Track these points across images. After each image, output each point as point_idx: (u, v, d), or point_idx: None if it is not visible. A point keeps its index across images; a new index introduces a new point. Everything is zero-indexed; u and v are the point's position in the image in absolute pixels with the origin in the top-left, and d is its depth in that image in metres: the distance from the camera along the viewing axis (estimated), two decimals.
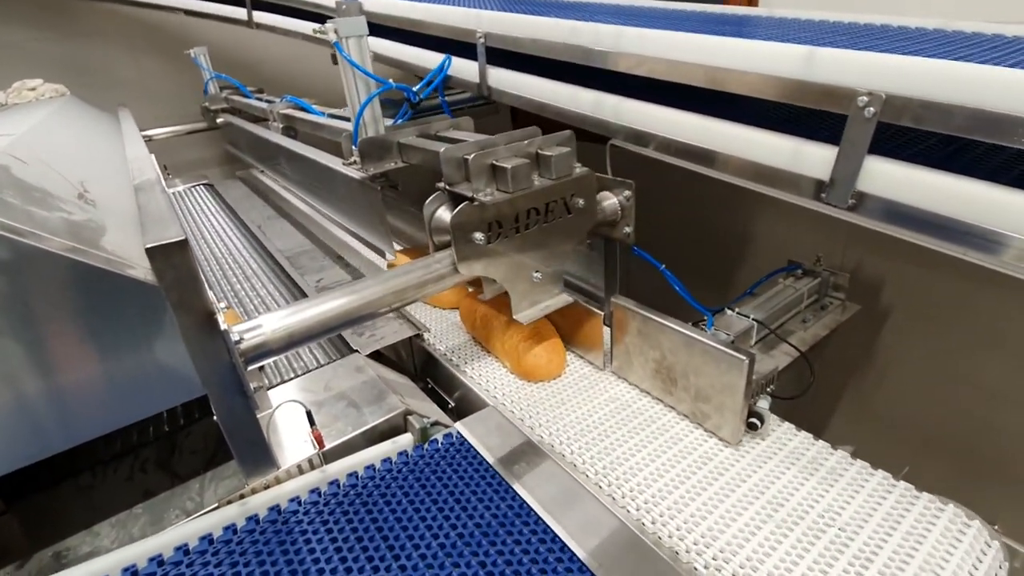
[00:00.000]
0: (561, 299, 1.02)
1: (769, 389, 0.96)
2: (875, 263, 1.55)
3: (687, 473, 0.82)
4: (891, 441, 1.66)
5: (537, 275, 0.97)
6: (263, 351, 0.74)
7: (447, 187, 0.90)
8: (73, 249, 0.64)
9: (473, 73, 1.40)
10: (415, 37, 1.57)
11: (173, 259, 0.63)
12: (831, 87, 0.74)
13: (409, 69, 1.62)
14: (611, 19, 1.16)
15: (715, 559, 0.69)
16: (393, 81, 1.22)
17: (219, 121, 2.41)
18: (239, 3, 2.20)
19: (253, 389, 0.73)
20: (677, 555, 0.70)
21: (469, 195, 0.86)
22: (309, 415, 0.89)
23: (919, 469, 0.85)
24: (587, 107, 1.16)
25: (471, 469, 0.84)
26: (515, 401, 1.00)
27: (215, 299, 0.68)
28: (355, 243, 1.72)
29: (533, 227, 0.92)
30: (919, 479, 0.77)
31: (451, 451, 0.87)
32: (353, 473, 0.83)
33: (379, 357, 1.15)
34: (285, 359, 1.14)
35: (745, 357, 0.79)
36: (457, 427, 0.93)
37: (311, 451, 0.85)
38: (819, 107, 0.77)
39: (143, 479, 0.92)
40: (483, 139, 0.95)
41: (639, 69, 1.01)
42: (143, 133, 2.02)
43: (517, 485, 0.80)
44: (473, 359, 1.14)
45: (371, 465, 0.84)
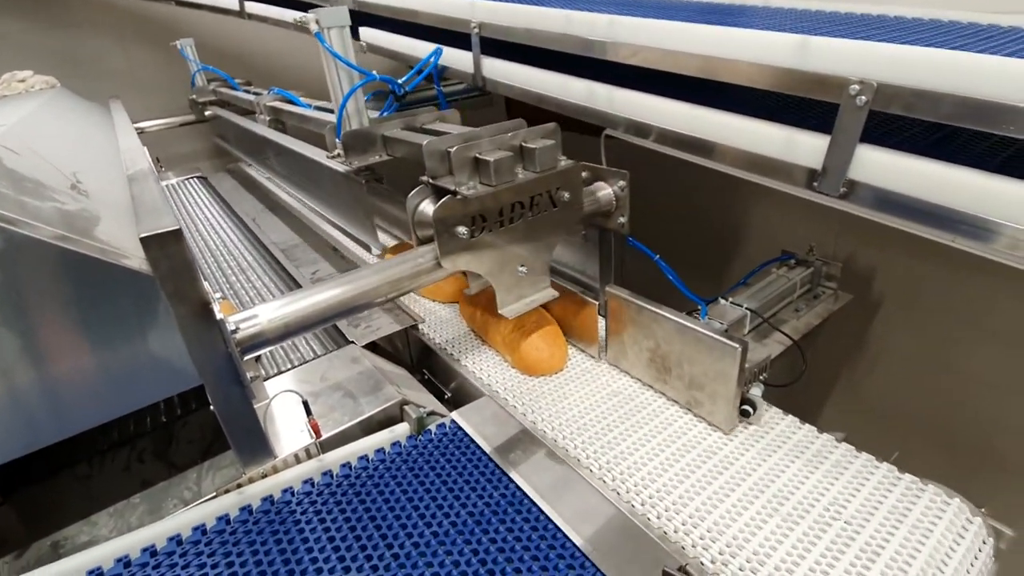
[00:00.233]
0: (547, 293, 1.02)
1: (762, 377, 0.97)
2: (867, 253, 1.56)
3: (676, 457, 0.83)
4: (880, 427, 1.68)
5: (522, 269, 0.96)
6: (259, 341, 0.74)
7: (430, 180, 0.89)
8: (67, 239, 0.64)
9: (467, 64, 1.39)
10: (410, 27, 1.56)
11: (168, 248, 0.63)
12: (823, 76, 0.75)
13: (404, 60, 1.61)
14: (606, 8, 1.16)
15: (702, 538, 0.71)
16: (377, 72, 1.20)
17: (207, 114, 2.38)
18: None
19: (249, 379, 0.73)
20: (666, 535, 0.72)
21: (452, 189, 0.85)
22: (306, 404, 0.90)
23: (908, 455, 0.87)
24: (581, 97, 1.16)
25: (464, 458, 0.84)
26: (511, 391, 1.01)
27: (210, 289, 0.68)
28: (343, 238, 1.71)
29: (518, 221, 0.92)
30: (905, 465, 0.79)
31: (447, 440, 0.88)
32: (346, 464, 0.83)
33: (375, 349, 1.16)
34: (282, 350, 1.14)
35: (738, 345, 0.80)
36: (453, 416, 0.93)
37: (308, 440, 0.85)
38: (812, 96, 0.77)
39: (140, 469, 0.92)
40: (467, 132, 0.94)
41: (633, 59, 1.01)
42: (134, 125, 2.00)
43: (513, 473, 0.81)
44: (469, 350, 1.14)
45: (364, 455, 0.85)
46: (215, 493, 0.77)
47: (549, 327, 1.08)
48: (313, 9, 1.12)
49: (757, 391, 0.89)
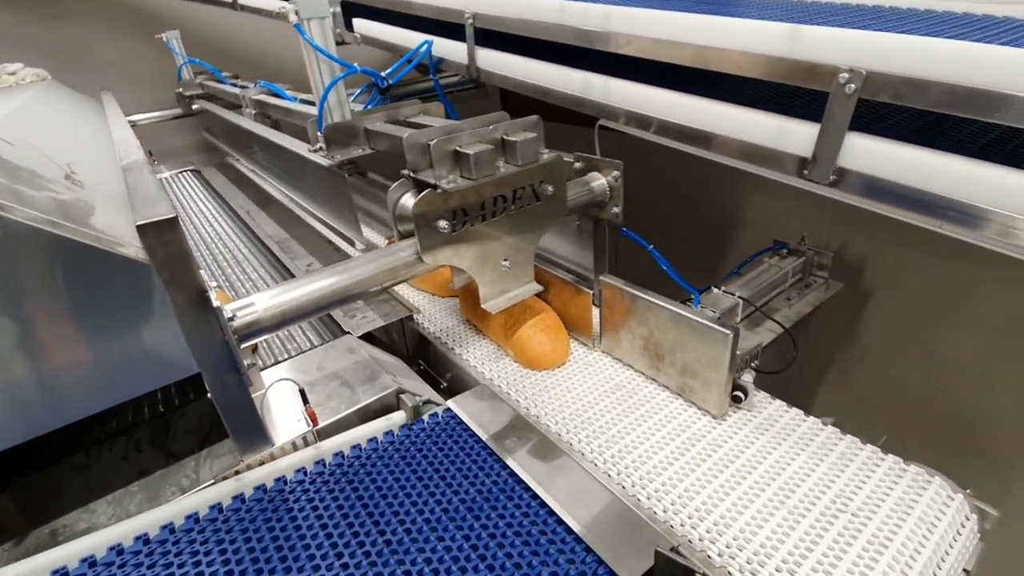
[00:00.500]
0: (531, 287, 1.01)
1: (754, 364, 0.99)
2: (858, 243, 1.58)
3: (666, 440, 0.85)
4: (870, 413, 1.71)
5: (506, 263, 0.96)
6: (256, 329, 0.75)
7: (411, 174, 0.88)
8: (63, 227, 0.64)
9: (462, 55, 1.39)
10: (404, 18, 1.56)
11: (164, 236, 0.63)
12: (814, 64, 0.75)
13: (398, 52, 1.60)
14: None
15: (690, 518, 0.73)
16: (363, 66, 1.19)
17: (195, 107, 2.36)
18: None
19: (246, 366, 0.74)
20: (655, 515, 0.74)
21: (432, 182, 0.84)
22: (302, 393, 0.90)
23: (896, 439, 0.88)
24: (575, 88, 1.16)
25: (456, 447, 0.85)
26: (506, 379, 1.02)
27: (207, 278, 0.69)
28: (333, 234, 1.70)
29: (500, 215, 0.91)
30: (891, 450, 0.80)
31: (439, 428, 0.89)
32: (339, 453, 0.84)
33: (372, 340, 1.16)
34: (278, 341, 1.14)
35: (729, 331, 0.81)
36: (449, 404, 0.94)
37: (305, 428, 0.86)
38: (802, 84, 0.78)
39: (138, 458, 0.93)
40: (448, 124, 0.93)
41: (627, 49, 1.02)
42: (127, 119, 1.99)
43: (509, 460, 0.82)
44: (464, 340, 1.15)
45: (357, 444, 0.85)
46: (213, 480, 0.78)
47: (551, 321, 1.07)
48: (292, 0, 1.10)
49: (749, 377, 0.90)
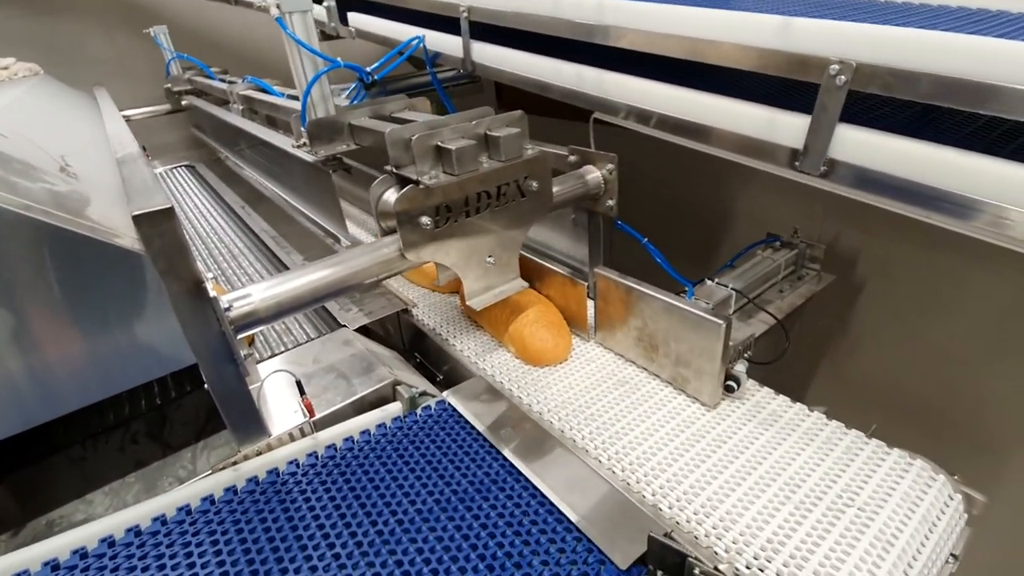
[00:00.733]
0: (517, 284, 1.01)
1: (747, 355, 1.00)
2: (850, 236, 1.59)
3: (657, 426, 0.87)
4: (861, 402, 1.73)
5: (490, 260, 0.95)
6: (252, 319, 0.75)
7: (394, 169, 0.87)
8: (58, 217, 0.64)
9: (457, 48, 1.39)
10: (399, 12, 1.56)
11: (160, 226, 0.63)
12: (805, 56, 0.76)
13: (393, 46, 1.60)
14: None
15: (679, 500, 0.74)
16: (342, 60, 1.17)
17: (184, 104, 2.33)
18: None
19: (243, 356, 0.74)
20: (644, 498, 0.75)
21: (414, 178, 0.83)
22: (299, 384, 0.91)
23: (886, 427, 0.89)
24: (569, 81, 1.17)
25: (449, 439, 0.85)
26: (502, 371, 1.03)
27: (203, 269, 0.69)
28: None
29: (484, 211, 0.90)
30: (883, 436, 0.81)
31: (432, 420, 0.89)
32: (332, 445, 0.84)
33: (368, 334, 1.17)
34: (275, 334, 1.15)
35: (722, 321, 0.82)
36: (445, 396, 0.95)
37: (301, 419, 0.87)
38: (793, 76, 0.79)
39: (135, 450, 0.93)
40: (432, 119, 0.92)
41: (621, 42, 1.02)
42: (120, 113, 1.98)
43: (505, 450, 0.83)
44: (460, 333, 1.16)
45: (350, 437, 0.85)
46: (211, 470, 0.78)
47: (553, 317, 1.07)
48: None
49: (741, 367, 0.91)
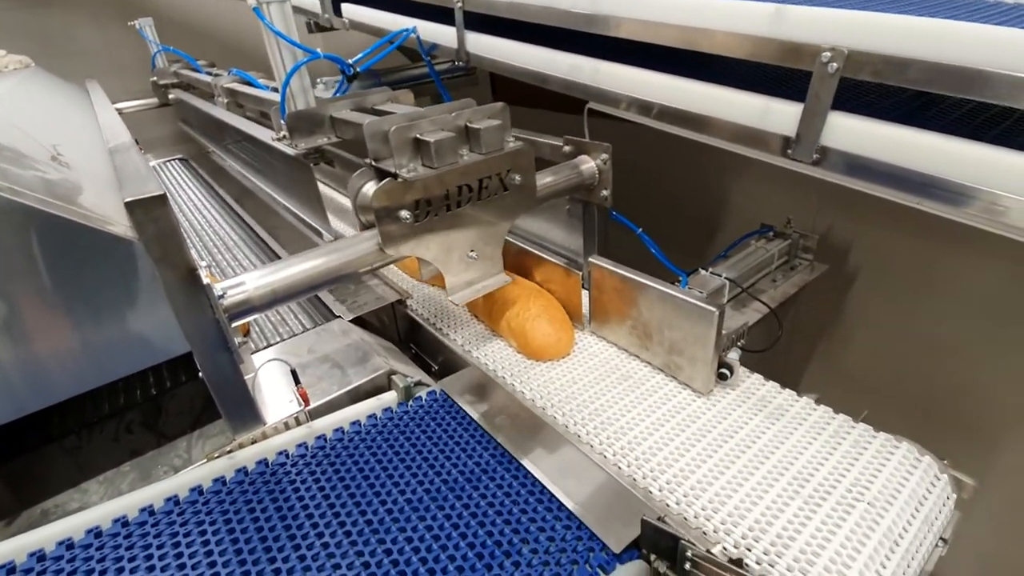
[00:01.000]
0: (500, 279, 1.00)
1: (740, 343, 1.00)
2: (843, 226, 1.60)
3: (649, 411, 0.87)
4: (854, 390, 1.74)
5: (473, 254, 0.94)
6: (246, 307, 0.75)
7: (372, 162, 0.85)
8: (50, 204, 0.64)
9: (451, 39, 1.39)
10: (393, 2, 1.55)
11: (153, 213, 0.63)
12: (797, 44, 0.76)
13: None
14: None
15: (668, 483, 0.75)
16: (322, 51, 1.14)
17: (171, 97, 2.31)
18: None
19: (237, 344, 0.74)
20: (636, 481, 0.76)
21: (393, 171, 0.81)
22: (294, 373, 0.91)
23: (878, 415, 0.90)
24: (564, 71, 1.16)
25: (441, 428, 0.86)
26: (496, 360, 1.03)
27: (197, 257, 0.69)
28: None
29: (466, 205, 0.88)
30: (875, 423, 0.82)
31: (427, 409, 0.90)
32: (321, 436, 0.84)
33: (363, 325, 1.17)
34: (270, 324, 1.15)
35: (715, 308, 0.83)
36: (440, 385, 0.95)
37: (296, 408, 0.87)
38: (786, 64, 0.79)
39: (130, 440, 0.93)
40: (411, 111, 0.90)
41: (615, 31, 1.02)
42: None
43: (500, 436, 0.84)
44: (455, 324, 1.16)
45: (340, 428, 0.86)
46: (205, 459, 0.78)
47: (556, 312, 1.06)
48: None
49: (735, 355, 0.92)
